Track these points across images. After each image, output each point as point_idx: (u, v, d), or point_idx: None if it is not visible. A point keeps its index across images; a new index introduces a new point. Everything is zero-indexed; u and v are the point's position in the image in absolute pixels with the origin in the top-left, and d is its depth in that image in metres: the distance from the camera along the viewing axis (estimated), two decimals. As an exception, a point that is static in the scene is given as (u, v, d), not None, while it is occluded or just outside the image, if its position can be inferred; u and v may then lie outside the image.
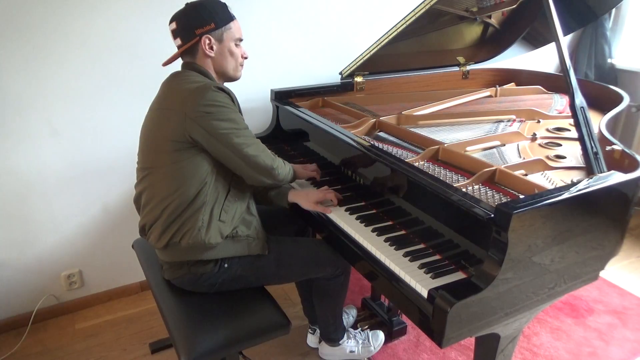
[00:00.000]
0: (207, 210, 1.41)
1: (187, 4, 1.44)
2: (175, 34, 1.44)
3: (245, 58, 1.54)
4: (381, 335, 1.99)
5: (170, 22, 1.44)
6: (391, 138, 1.79)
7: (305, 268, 1.62)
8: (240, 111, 1.47)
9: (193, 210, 1.40)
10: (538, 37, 2.33)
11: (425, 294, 1.16)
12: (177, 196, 1.39)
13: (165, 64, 1.50)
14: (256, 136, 2.10)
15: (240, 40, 1.51)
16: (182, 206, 1.39)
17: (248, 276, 1.52)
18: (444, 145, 1.60)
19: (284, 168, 1.53)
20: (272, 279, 1.58)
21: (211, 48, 1.44)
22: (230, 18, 1.46)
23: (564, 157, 1.57)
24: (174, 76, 1.47)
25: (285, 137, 2.12)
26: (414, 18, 1.84)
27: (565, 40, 2.81)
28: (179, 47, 1.45)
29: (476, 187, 1.38)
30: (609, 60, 3.03)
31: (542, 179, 1.43)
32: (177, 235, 1.41)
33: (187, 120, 1.34)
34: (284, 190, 1.65)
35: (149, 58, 2.04)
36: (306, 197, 1.60)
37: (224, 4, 1.46)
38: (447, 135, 1.78)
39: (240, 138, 1.39)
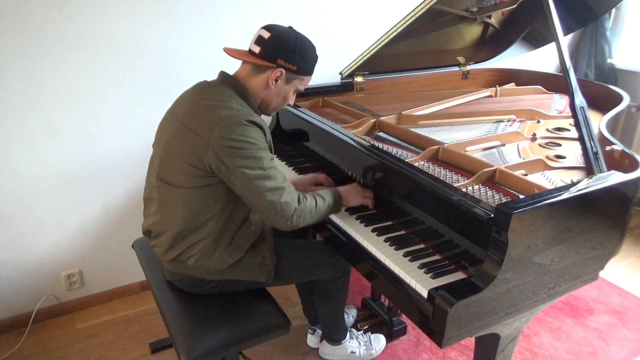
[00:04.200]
0: (214, 239, 1.39)
1: (292, 31, 1.37)
2: (259, 42, 1.35)
3: (290, 105, 1.51)
4: (383, 339, 1.99)
5: (266, 29, 1.35)
6: (391, 138, 1.79)
7: (305, 271, 1.62)
8: (270, 146, 1.38)
9: (201, 237, 1.38)
10: (538, 37, 2.33)
11: (425, 294, 1.16)
12: (185, 220, 1.36)
13: (229, 52, 1.40)
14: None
15: (299, 91, 1.48)
16: (188, 230, 1.37)
17: (249, 280, 1.52)
18: (444, 145, 1.60)
19: (311, 213, 1.38)
20: (274, 283, 1.57)
21: (275, 80, 1.37)
22: (309, 73, 1.43)
23: (564, 157, 1.57)
24: (208, 90, 1.37)
25: (285, 137, 2.12)
26: (414, 18, 1.84)
27: (565, 40, 2.81)
28: (252, 53, 1.36)
29: (476, 187, 1.38)
30: (608, 60, 3.02)
31: (542, 179, 1.43)
32: (183, 255, 1.41)
33: (209, 151, 1.27)
34: (337, 202, 1.51)
35: (150, 58, 2.04)
36: (355, 197, 1.55)
37: (316, 59, 1.43)
38: (447, 135, 1.78)
39: (262, 181, 1.27)
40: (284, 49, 1.34)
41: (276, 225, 1.35)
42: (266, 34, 1.35)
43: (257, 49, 1.35)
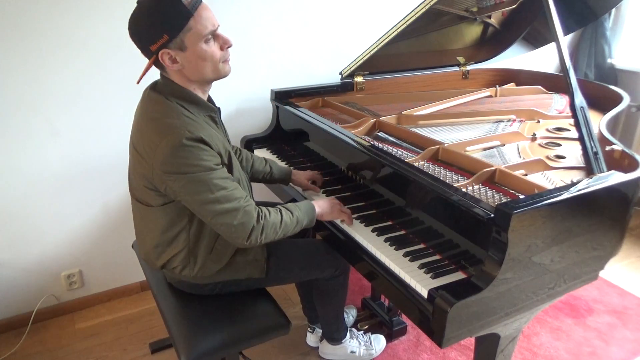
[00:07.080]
0: (190, 251, 1.38)
1: (137, 8, 1.18)
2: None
3: (229, 47, 1.26)
4: (383, 340, 1.99)
5: (128, 28, 1.20)
6: (391, 138, 1.79)
7: (305, 271, 1.62)
8: (225, 152, 1.29)
9: (176, 250, 1.38)
10: (538, 37, 2.33)
11: (425, 294, 1.17)
12: (156, 235, 1.37)
13: (138, 81, 1.31)
14: (256, 137, 2.13)
15: (213, 32, 1.21)
16: (162, 245, 1.38)
17: (248, 280, 1.52)
18: (443, 145, 1.60)
19: (275, 230, 1.31)
20: (272, 282, 1.57)
21: (174, 61, 1.21)
22: (185, 17, 1.15)
23: (564, 157, 1.57)
24: (149, 103, 1.29)
25: (285, 137, 2.12)
26: (414, 18, 1.84)
27: (565, 40, 2.80)
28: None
29: (476, 187, 1.38)
30: (608, 60, 3.02)
31: (542, 179, 1.43)
32: (168, 265, 1.42)
33: (155, 175, 1.24)
34: (310, 216, 1.45)
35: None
36: (331, 212, 1.50)
37: (175, 1, 1.14)
38: (447, 135, 1.78)
39: (211, 205, 1.21)
40: (142, 36, 1.18)
41: (234, 244, 1.32)
42: (129, 33, 1.21)
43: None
